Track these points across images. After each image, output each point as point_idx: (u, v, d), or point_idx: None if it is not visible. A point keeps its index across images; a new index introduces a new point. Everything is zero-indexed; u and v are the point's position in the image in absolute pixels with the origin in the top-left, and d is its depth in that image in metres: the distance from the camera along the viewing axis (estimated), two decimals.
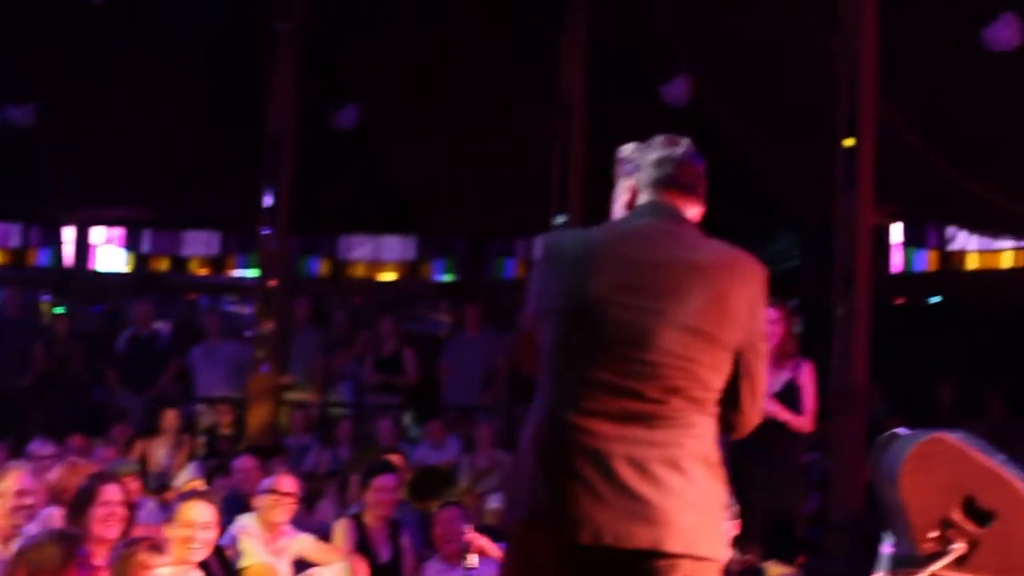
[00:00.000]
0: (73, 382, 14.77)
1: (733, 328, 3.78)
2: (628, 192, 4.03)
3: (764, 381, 3.90)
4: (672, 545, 3.62)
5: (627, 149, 4.13)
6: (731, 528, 7.23)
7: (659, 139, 4.09)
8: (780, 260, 18.78)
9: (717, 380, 3.77)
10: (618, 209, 4.06)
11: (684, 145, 4.08)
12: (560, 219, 13.27)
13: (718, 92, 15.59)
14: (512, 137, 16.87)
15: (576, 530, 3.61)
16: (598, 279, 3.73)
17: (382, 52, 17.16)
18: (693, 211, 4.00)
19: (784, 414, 8.42)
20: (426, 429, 13.33)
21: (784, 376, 8.55)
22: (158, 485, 11.57)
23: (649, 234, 3.86)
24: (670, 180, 3.98)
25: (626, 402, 3.67)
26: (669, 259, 3.79)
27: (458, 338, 15.57)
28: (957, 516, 3.59)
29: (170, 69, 17.41)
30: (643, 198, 3.97)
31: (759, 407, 3.89)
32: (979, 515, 3.59)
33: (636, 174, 4.01)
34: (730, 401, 3.84)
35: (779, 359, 8.56)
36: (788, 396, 8.47)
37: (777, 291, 9.42)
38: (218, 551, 7.37)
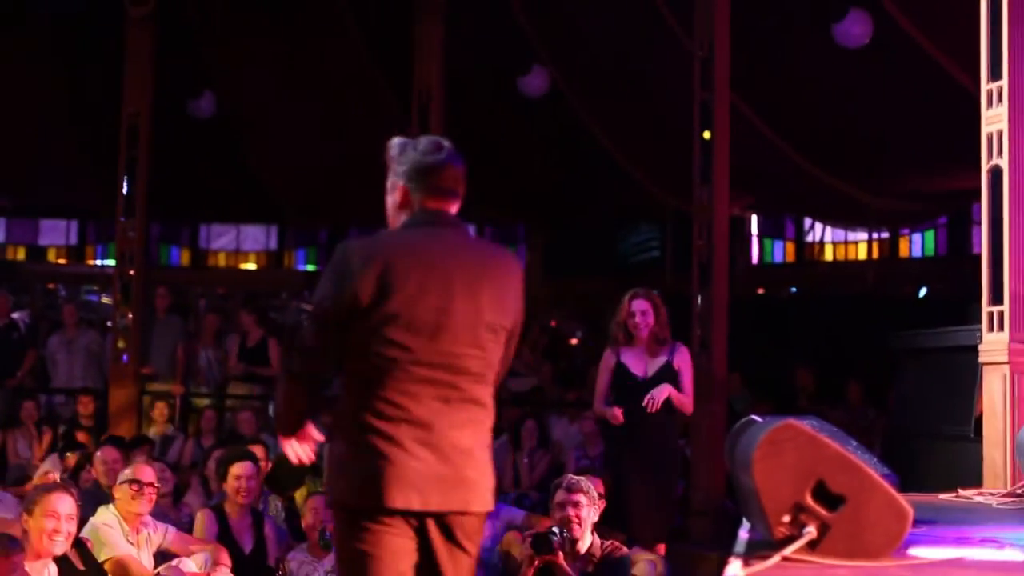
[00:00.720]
0: None
1: (508, 315, 4.47)
2: (400, 192, 4.46)
3: (512, 355, 4.63)
4: (475, 505, 4.36)
5: (395, 147, 4.53)
6: (594, 514, 7.36)
7: (424, 142, 4.51)
8: (640, 251, 19.04)
9: (497, 360, 4.47)
10: (391, 206, 4.50)
11: (446, 150, 4.50)
12: None
13: (575, 84, 15.73)
14: (371, 126, 16.87)
15: (409, 499, 4.22)
16: (402, 285, 4.23)
17: (238, 40, 17.06)
18: (455, 209, 4.49)
19: (673, 392, 8.57)
20: None
21: (661, 360, 8.68)
22: (17, 477, 11.42)
23: (433, 242, 4.38)
24: (438, 189, 4.43)
25: (441, 390, 4.29)
26: (454, 263, 4.36)
27: None
28: (808, 501, 3.69)
29: (25, 55, 17.12)
30: (416, 203, 4.42)
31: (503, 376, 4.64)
32: (829, 499, 3.69)
33: (405, 178, 4.44)
34: None
35: (654, 346, 8.69)
36: (665, 379, 8.60)
37: (638, 281, 9.56)
38: (79, 543, 7.27)
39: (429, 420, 4.25)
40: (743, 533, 4.29)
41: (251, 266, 21.01)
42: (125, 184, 13.91)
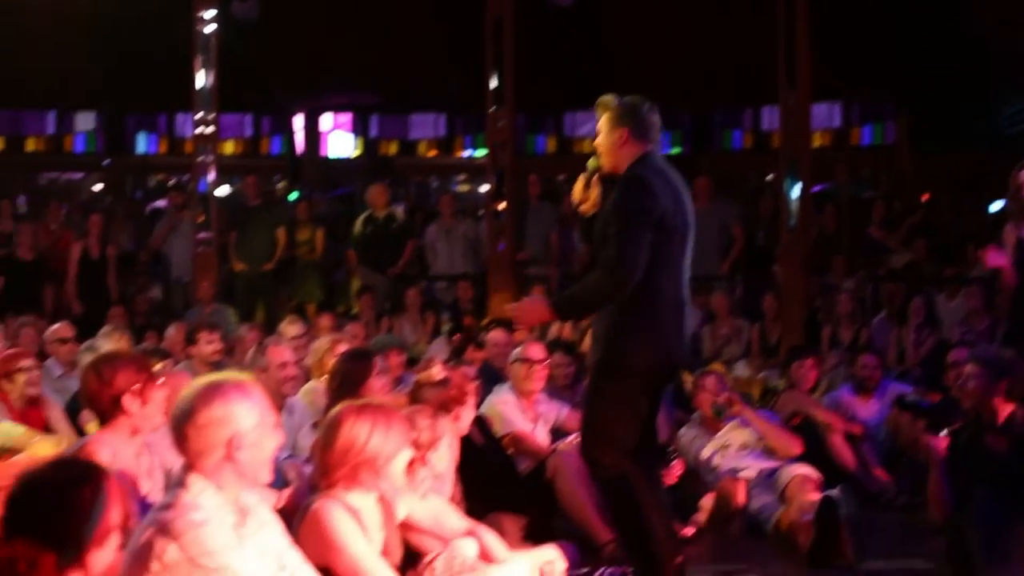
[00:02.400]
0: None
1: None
2: (631, 142, 5.90)
3: None
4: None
5: (627, 107, 5.99)
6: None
7: (645, 104, 5.99)
8: (1017, 122, 18.37)
9: None
10: (627, 152, 5.91)
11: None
12: (790, 92, 13.08)
13: None
14: (733, 8, 16.71)
15: (678, 356, 5.98)
16: (680, 202, 5.88)
17: None
18: None
19: None
20: None
21: None
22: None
23: (675, 171, 6.03)
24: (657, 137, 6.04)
25: (685, 275, 5.94)
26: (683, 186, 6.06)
27: None
28: None
29: None
30: (650, 147, 5.94)
31: None
32: None
33: (641, 130, 5.91)
34: None
35: None
36: None
37: (1016, 154, 9.12)
38: (478, 419, 7.52)
39: (683, 296, 5.88)
40: None
41: None
42: (493, 77, 14.17)
